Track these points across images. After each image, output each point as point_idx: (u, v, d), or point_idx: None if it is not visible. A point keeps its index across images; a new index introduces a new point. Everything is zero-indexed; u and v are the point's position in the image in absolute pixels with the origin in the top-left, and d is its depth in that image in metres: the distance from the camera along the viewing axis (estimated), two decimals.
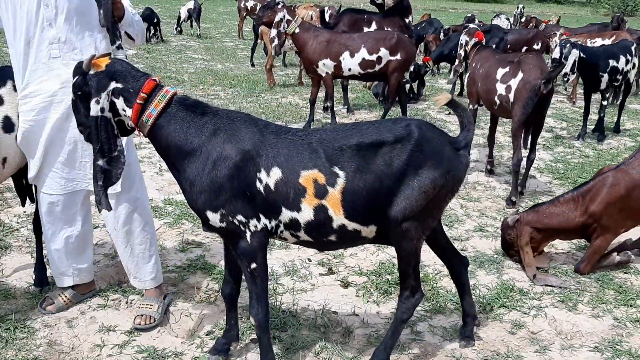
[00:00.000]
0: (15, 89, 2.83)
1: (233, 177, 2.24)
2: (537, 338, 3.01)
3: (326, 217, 2.28)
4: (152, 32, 14.94)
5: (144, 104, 2.29)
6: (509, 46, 10.00)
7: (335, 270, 3.60)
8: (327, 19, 9.10)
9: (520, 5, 15.38)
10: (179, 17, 16.81)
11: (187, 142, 2.29)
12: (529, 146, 5.07)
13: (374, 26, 8.27)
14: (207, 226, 2.39)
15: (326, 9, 10.30)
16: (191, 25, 17.41)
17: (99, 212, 2.50)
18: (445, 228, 4.32)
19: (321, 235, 2.34)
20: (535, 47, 10.45)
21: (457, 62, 6.22)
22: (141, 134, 2.38)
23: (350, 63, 6.69)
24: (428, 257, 3.85)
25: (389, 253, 3.88)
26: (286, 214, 2.29)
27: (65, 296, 3.06)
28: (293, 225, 2.31)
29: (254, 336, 2.89)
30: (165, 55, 12.77)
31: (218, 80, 10.11)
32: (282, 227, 2.34)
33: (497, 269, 3.73)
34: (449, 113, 8.43)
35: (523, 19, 14.32)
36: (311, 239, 2.37)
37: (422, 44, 11.27)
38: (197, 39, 16.44)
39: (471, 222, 4.51)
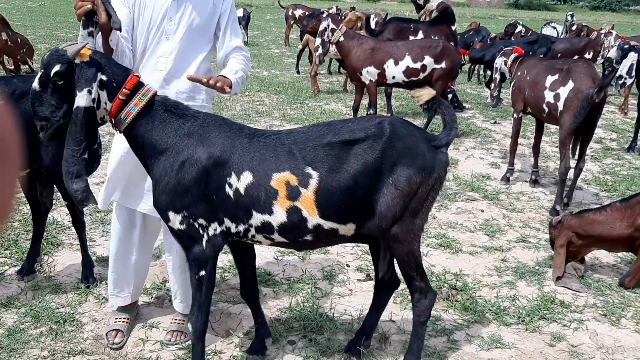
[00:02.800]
0: None
1: (200, 180, 2.23)
2: (577, 351, 2.95)
3: (300, 218, 2.25)
4: None
5: (125, 100, 2.25)
6: (559, 55, 9.81)
7: (373, 277, 3.62)
8: (372, 26, 9.13)
9: (570, 13, 14.93)
10: None
11: (161, 143, 2.27)
12: (577, 155, 4.97)
13: (420, 35, 8.27)
14: (168, 228, 2.38)
15: (372, 16, 10.33)
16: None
17: (80, 208, 2.35)
18: (486, 238, 4.31)
19: (296, 236, 2.31)
20: (587, 56, 10.21)
21: (492, 86, 6.15)
22: (116, 128, 2.34)
23: (394, 71, 6.71)
24: (468, 266, 3.83)
25: (428, 261, 3.88)
26: (257, 217, 2.26)
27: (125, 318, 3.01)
28: (265, 228, 2.28)
29: (291, 338, 2.94)
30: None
31: (263, 87, 10.27)
32: (253, 231, 2.31)
33: (539, 281, 3.68)
34: (495, 122, 8.33)
35: (574, 28, 13.96)
36: (286, 240, 2.34)
37: None
38: (244, 46, 16.74)
39: (513, 233, 4.46)
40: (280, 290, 3.38)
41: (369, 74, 6.71)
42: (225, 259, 3.81)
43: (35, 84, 2.18)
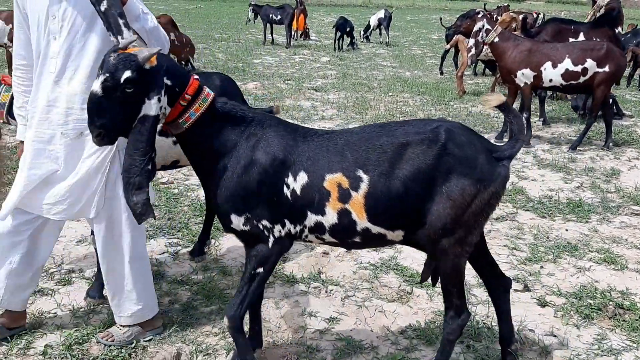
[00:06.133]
0: None
1: (262, 182, 2.20)
2: None
3: (350, 221, 2.21)
4: (349, 40, 15.58)
5: (186, 105, 2.19)
6: None
7: (531, 288, 3.48)
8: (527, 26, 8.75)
9: None
10: (368, 26, 17.30)
11: (219, 147, 2.23)
12: None
13: (581, 37, 7.81)
14: (228, 229, 2.35)
15: (530, 15, 9.91)
16: (380, 34, 17.83)
17: (139, 222, 2.25)
18: None
19: (346, 237, 2.28)
20: None
21: None
22: (168, 131, 2.29)
23: (552, 74, 6.38)
24: (635, 285, 3.55)
25: (591, 276, 3.65)
26: (311, 218, 2.24)
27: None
28: (318, 228, 2.26)
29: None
30: (356, 63, 13.26)
31: (407, 87, 10.25)
32: (307, 232, 2.29)
33: None
34: None
35: None
36: (336, 240, 2.31)
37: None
38: (385, 46, 16.80)
39: None
40: (435, 293, 3.36)
41: (524, 76, 6.44)
42: (376, 256, 3.86)
43: (98, 89, 2.05)
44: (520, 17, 8.47)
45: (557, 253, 3.97)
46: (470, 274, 3.61)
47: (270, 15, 15.43)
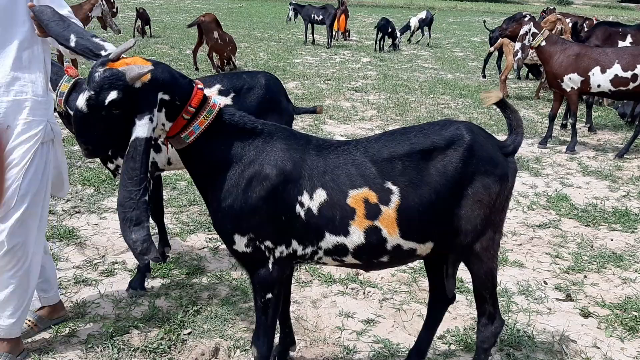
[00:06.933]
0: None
1: (269, 199, 2.01)
2: None
3: (379, 239, 2.05)
4: (391, 41, 15.52)
5: (189, 118, 2.00)
6: None
7: (574, 298, 3.40)
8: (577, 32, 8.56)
9: None
10: (407, 26, 17.15)
11: (224, 160, 2.04)
12: None
13: (628, 39, 7.59)
14: (231, 250, 2.15)
15: (572, 20, 9.69)
16: (422, 34, 17.69)
17: (140, 263, 2.08)
18: None
19: (372, 257, 2.11)
20: None
21: None
22: (169, 144, 2.10)
23: (600, 79, 6.22)
24: None
25: (636, 288, 3.54)
26: (330, 240, 2.05)
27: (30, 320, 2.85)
28: (338, 250, 2.08)
29: None
30: (397, 64, 13.18)
31: (448, 89, 10.14)
32: (321, 253, 2.10)
33: None
34: None
35: None
36: (359, 262, 2.14)
37: None
38: (427, 48, 16.66)
39: None
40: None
41: (571, 81, 6.29)
42: None
43: (82, 105, 1.88)
44: (568, 21, 8.28)
45: (602, 263, 3.86)
46: (510, 281, 3.55)
47: (312, 15, 15.47)
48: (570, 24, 8.89)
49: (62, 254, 3.66)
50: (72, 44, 2.34)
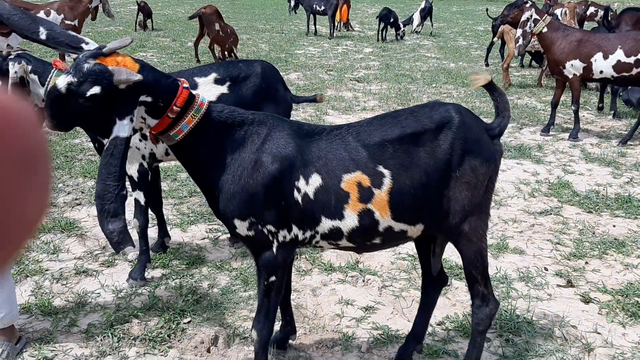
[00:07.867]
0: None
1: (267, 186, 2.05)
2: None
3: (372, 222, 2.09)
4: (394, 31, 15.43)
5: (175, 117, 2.04)
6: None
7: (575, 284, 3.39)
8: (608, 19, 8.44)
9: None
10: (410, 20, 17.02)
11: (218, 154, 2.08)
12: None
13: None
14: (233, 233, 2.21)
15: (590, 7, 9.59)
16: (424, 24, 17.59)
17: (116, 252, 2.11)
18: None
19: (365, 240, 2.16)
20: None
21: None
22: (162, 140, 2.15)
23: (603, 65, 6.16)
24: None
25: (638, 274, 3.53)
26: (326, 224, 2.09)
27: None
28: (334, 234, 2.12)
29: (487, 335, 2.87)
30: (400, 54, 13.12)
31: (451, 79, 10.09)
32: (318, 237, 2.15)
33: None
34: None
35: None
36: (353, 245, 2.19)
37: None
38: (430, 37, 16.58)
39: None
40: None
41: (573, 67, 6.24)
42: None
43: (62, 87, 1.92)
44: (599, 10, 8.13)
45: (603, 249, 3.85)
46: (510, 267, 3.54)
47: (314, 6, 15.39)
48: (602, 11, 8.78)
49: (63, 246, 3.67)
50: (43, 36, 2.32)
